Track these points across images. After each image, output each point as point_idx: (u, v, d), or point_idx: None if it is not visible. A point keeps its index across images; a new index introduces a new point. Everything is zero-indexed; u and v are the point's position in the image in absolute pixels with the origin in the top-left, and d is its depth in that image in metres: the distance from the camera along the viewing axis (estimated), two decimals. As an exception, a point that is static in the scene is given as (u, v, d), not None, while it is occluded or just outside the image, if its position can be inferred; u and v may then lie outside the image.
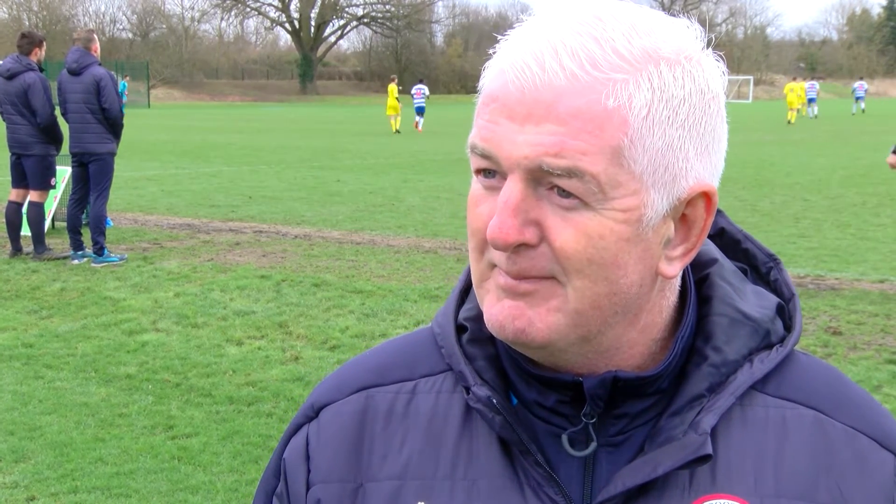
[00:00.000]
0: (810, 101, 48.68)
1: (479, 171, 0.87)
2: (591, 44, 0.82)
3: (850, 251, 10.89)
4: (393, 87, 37.08)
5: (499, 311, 0.87)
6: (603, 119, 0.81)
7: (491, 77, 0.86)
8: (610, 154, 0.82)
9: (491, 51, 0.88)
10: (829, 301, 8.34)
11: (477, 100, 0.88)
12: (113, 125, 9.87)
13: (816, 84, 51.07)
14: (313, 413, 1.02)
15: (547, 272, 0.85)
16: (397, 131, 35.91)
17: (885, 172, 19.87)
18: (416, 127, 36.84)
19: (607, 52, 0.82)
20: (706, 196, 0.88)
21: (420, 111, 37.48)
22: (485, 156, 0.85)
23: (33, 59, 10.07)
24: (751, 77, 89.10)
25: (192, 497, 4.64)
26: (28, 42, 10.08)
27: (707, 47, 0.88)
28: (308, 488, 0.99)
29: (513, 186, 0.83)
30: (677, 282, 0.94)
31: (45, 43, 10.29)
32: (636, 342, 0.91)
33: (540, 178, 0.83)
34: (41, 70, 10.18)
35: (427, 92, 39.98)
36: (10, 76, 9.94)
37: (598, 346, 0.90)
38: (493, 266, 0.88)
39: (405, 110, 39.93)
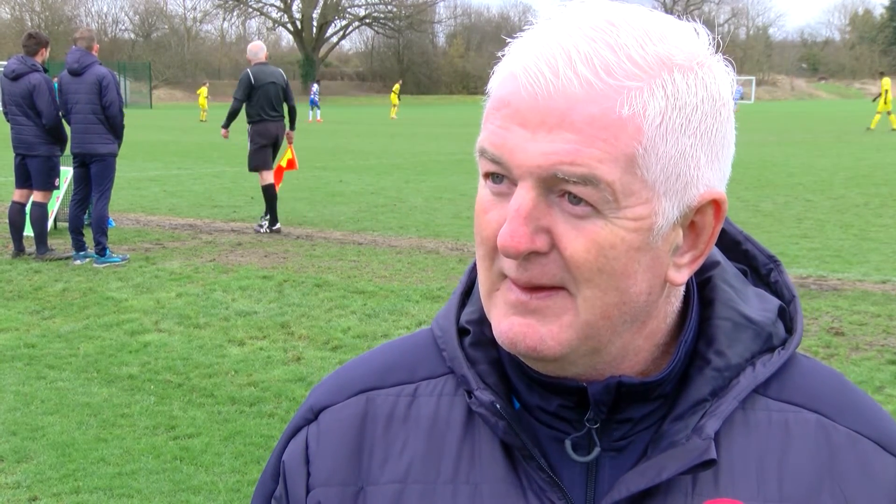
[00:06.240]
0: None
1: (487, 176, 0.87)
2: (606, 50, 0.81)
3: (853, 252, 10.87)
4: (203, 89, 49.13)
5: (508, 327, 0.87)
6: (617, 127, 0.81)
7: (502, 81, 0.85)
8: (624, 162, 0.81)
9: (500, 53, 0.87)
10: (832, 302, 8.32)
11: (486, 103, 0.87)
12: (113, 125, 9.86)
13: None
14: (312, 415, 1.01)
15: (557, 280, 0.84)
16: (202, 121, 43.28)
17: (888, 173, 19.88)
18: None
19: (622, 60, 0.81)
20: (716, 204, 0.88)
21: None
22: (494, 161, 0.85)
23: (38, 59, 10.06)
24: (752, 77, 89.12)
25: (194, 497, 4.64)
26: (35, 43, 10.07)
27: (716, 52, 0.88)
28: (308, 491, 0.98)
29: (524, 194, 0.83)
30: (681, 286, 0.93)
31: (49, 44, 10.29)
32: (641, 349, 0.91)
33: (552, 186, 0.82)
34: (45, 71, 10.18)
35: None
36: (15, 77, 9.93)
37: (607, 356, 0.89)
38: (504, 277, 0.87)
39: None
